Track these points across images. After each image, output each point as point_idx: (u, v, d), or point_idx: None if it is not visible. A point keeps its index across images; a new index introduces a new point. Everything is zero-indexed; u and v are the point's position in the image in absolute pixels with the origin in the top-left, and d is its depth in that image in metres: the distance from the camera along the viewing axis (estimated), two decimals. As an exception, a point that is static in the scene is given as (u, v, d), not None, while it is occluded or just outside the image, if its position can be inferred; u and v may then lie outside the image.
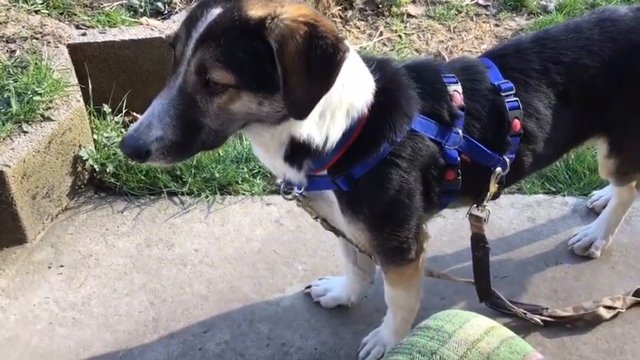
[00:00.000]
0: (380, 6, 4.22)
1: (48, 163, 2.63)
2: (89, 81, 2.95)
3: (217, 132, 1.56)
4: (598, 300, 2.37)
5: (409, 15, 4.24)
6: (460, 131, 1.81)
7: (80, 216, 2.79)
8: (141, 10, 3.27)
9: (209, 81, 1.48)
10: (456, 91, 1.83)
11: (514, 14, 4.30)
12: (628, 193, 2.49)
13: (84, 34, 3.04)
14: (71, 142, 2.74)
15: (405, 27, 4.14)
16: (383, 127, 1.72)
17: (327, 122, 1.67)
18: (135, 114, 3.19)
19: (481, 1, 4.42)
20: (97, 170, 2.86)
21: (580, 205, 2.82)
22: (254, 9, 1.49)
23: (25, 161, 2.51)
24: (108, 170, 2.86)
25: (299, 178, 1.79)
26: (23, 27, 3.02)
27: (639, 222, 2.74)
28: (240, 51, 1.46)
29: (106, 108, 3.03)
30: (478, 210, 2.02)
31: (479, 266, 2.15)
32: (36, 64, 2.78)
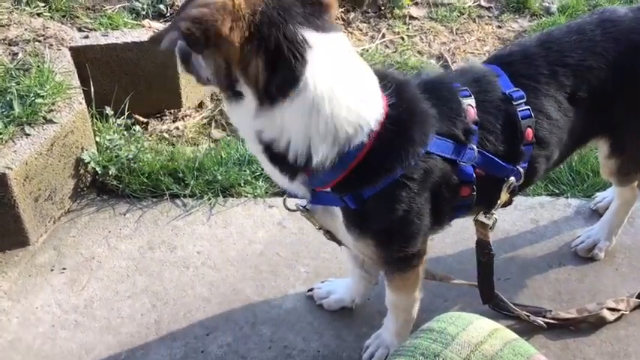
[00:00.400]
0: (382, 8, 4.22)
1: (50, 166, 2.64)
2: (91, 83, 2.95)
3: None
4: (602, 302, 2.36)
5: (411, 17, 4.24)
6: (475, 147, 1.79)
7: (82, 218, 2.79)
8: (143, 13, 3.28)
9: None
10: (470, 105, 1.80)
11: (516, 16, 4.29)
12: (630, 194, 2.48)
13: (86, 37, 3.05)
14: (73, 145, 2.74)
15: (408, 29, 4.14)
16: (397, 150, 1.67)
17: (306, 133, 1.58)
18: (137, 116, 3.19)
19: (483, 3, 4.41)
20: (100, 173, 2.86)
21: (583, 207, 2.81)
22: None
23: (28, 164, 2.51)
24: (110, 173, 2.86)
25: (300, 191, 1.76)
26: (25, 30, 3.03)
27: (643, 223, 2.73)
28: None
29: (109, 110, 3.04)
30: (485, 217, 2.01)
31: (483, 270, 2.15)
32: (38, 67, 2.78)
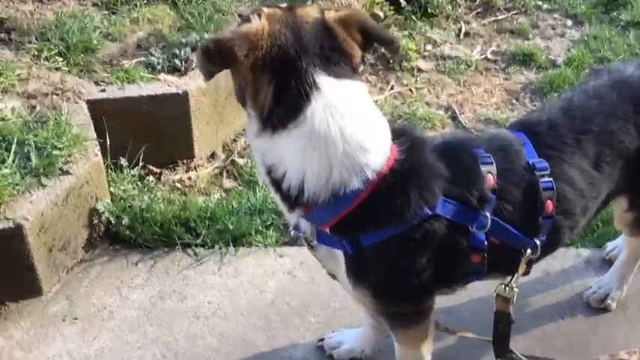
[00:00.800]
0: (391, 61, 4.31)
1: (65, 216, 2.68)
2: (107, 135, 3.02)
3: None
4: (614, 354, 2.33)
5: (419, 69, 4.32)
6: (489, 215, 1.78)
7: (95, 268, 2.82)
8: (159, 67, 3.36)
9: None
10: (490, 173, 1.80)
11: (523, 68, 4.37)
12: (639, 244, 2.48)
13: (103, 91, 3.13)
14: (88, 195, 2.79)
15: (416, 81, 4.22)
16: (397, 205, 1.69)
17: (300, 166, 1.63)
18: (151, 167, 3.25)
19: (490, 56, 4.50)
20: (113, 223, 2.90)
21: (594, 257, 2.81)
22: None
23: (43, 214, 2.56)
24: (123, 222, 2.90)
25: (303, 226, 1.78)
26: (44, 83, 3.11)
27: (654, 273, 2.72)
28: None
29: (123, 161, 3.10)
30: (505, 291, 2.00)
31: (499, 332, 2.11)
32: (56, 120, 2.85)
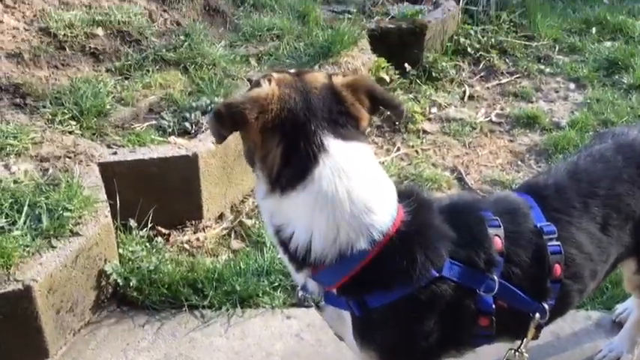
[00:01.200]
0: (397, 123, 4.39)
1: (74, 278, 2.69)
2: (117, 197, 3.06)
3: None
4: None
5: (425, 131, 4.40)
6: (496, 278, 1.78)
7: (102, 330, 2.81)
8: (169, 130, 3.44)
9: None
10: (497, 236, 1.81)
11: (527, 130, 4.44)
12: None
13: (115, 153, 3.19)
14: (97, 257, 2.81)
15: (422, 142, 4.28)
16: (403, 267, 1.69)
17: (308, 227, 1.66)
18: (160, 228, 3.27)
19: (494, 118, 4.58)
20: (121, 284, 2.90)
21: (604, 319, 2.78)
22: None
23: (52, 276, 2.57)
24: (131, 284, 2.90)
25: (311, 286, 1.79)
26: (57, 147, 3.18)
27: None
28: None
29: (132, 223, 3.13)
30: (515, 356, 1.98)
31: None
32: (67, 182, 2.90)
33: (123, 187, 3.11)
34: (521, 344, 1.96)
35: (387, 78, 4.53)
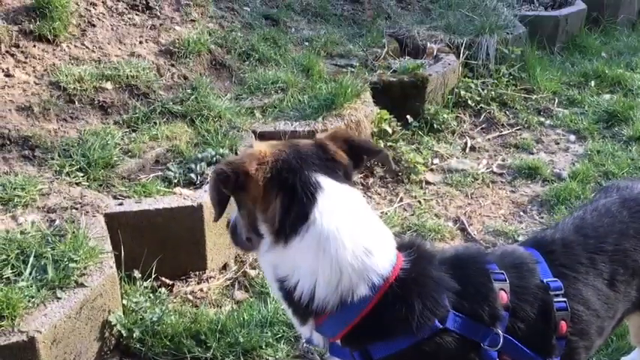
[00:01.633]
0: (399, 174, 4.44)
1: (77, 329, 2.69)
2: (122, 247, 3.08)
3: None
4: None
5: (427, 182, 4.44)
6: (501, 332, 1.78)
7: (104, 382, 2.79)
8: (175, 181, 3.49)
9: None
10: (503, 290, 1.81)
11: (529, 181, 4.48)
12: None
13: (120, 204, 3.23)
14: (101, 308, 2.81)
15: (424, 193, 4.32)
16: (404, 314, 1.70)
17: (313, 272, 1.69)
18: (163, 279, 3.28)
19: (496, 169, 4.63)
20: (124, 335, 2.89)
21: (610, 372, 2.76)
22: None
23: (56, 327, 2.57)
24: (134, 336, 2.89)
25: (316, 339, 1.80)
26: (64, 198, 3.23)
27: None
28: None
29: (137, 273, 3.14)
30: None
31: None
32: (73, 233, 2.93)
33: (128, 238, 3.14)
34: None
35: (390, 130, 4.60)
